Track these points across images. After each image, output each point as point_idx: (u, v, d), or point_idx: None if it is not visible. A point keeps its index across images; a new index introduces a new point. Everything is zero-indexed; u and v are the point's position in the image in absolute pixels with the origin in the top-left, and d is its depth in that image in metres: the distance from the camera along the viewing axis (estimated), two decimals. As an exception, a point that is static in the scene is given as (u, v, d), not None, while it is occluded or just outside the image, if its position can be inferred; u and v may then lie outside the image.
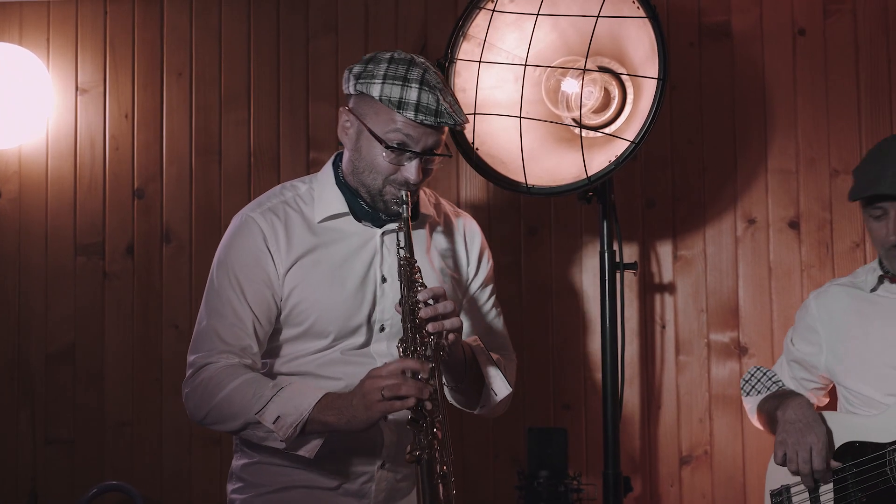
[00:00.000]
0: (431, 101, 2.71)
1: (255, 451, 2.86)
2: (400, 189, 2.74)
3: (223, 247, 2.85)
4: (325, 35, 3.97)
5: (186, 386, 2.77)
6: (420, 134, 2.72)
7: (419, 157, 2.74)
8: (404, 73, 2.73)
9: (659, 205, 3.82)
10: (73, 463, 3.94)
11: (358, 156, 2.78)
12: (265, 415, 2.61)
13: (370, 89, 2.72)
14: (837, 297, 3.19)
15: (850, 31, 3.77)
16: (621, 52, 3.35)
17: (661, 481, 3.75)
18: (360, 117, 2.76)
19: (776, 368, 3.34)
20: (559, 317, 3.83)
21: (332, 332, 2.80)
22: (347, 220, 2.85)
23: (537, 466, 2.08)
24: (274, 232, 2.80)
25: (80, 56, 4.03)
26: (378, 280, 2.83)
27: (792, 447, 2.98)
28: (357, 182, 2.81)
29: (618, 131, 3.32)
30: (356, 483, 2.83)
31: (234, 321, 2.76)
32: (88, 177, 3.99)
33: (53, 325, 3.98)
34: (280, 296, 2.79)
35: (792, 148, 3.78)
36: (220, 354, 2.74)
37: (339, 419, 2.59)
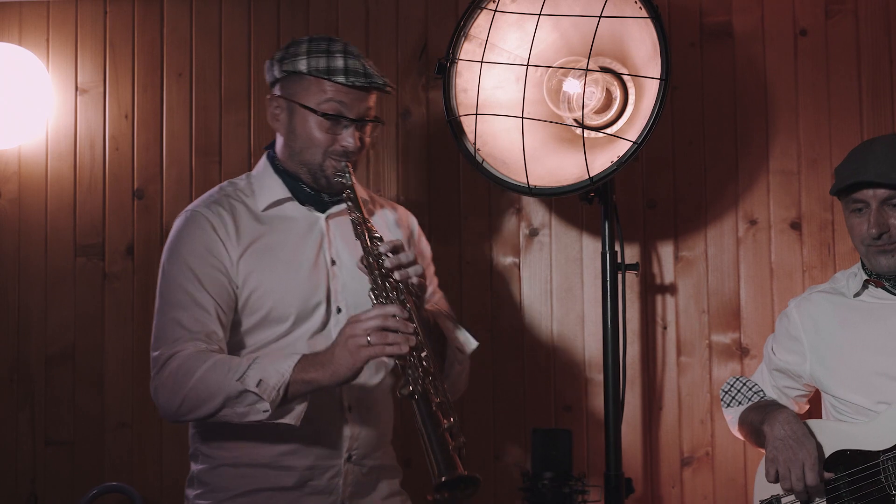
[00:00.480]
0: (358, 66, 2.82)
1: (217, 453, 2.84)
2: (340, 160, 2.82)
3: (171, 244, 2.85)
4: (325, 35, 3.95)
5: (154, 382, 2.74)
6: (352, 99, 2.81)
7: (355, 125, 2.82)
8: (326, 46, 2.83)
9: (660, 205, 3.81)
10: (72, 465, 3.93)
11: (293, 136, 2.85)
12: (246, 380, 2.58)
13: (297, 65, 2.81)
14: (819, 305, 3.16)
15: (851, 32, 3.76)
16: (623, 52, 3.34)
17: (662, 483, 3.74)
18: (291, 97, 2.84)
19: (756, 377, 3.31)
20: (560, 318, 3.82)
21: (291, 315, 2.80)
22: (291, 205, 2.90)
23: (542, 468, 2.06)
24: (222, 221, 2.82)
25: (80, 56, 4.01)
26: (328, 263, 2.88)
27: (784, 465, 2.93)
28: (296, 164, 2.88)
29: (619, 132, 3.32)
30: (323, 479, 2.83)
31: (194, 309, 2.74)
32: (88, 177, 3.98)
33: (53, 327, 3.96)
34: (236, 283, 2.79)
35: (793, 148, 3.77)
36: (185, 343, 2.71)
37: (322, 373, 2.58)
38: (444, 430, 2.47)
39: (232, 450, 2.82)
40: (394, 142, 3.90)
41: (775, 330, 3.28)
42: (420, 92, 3.91)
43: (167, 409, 2.73)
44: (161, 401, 2.73)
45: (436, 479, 2.41)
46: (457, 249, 3.86)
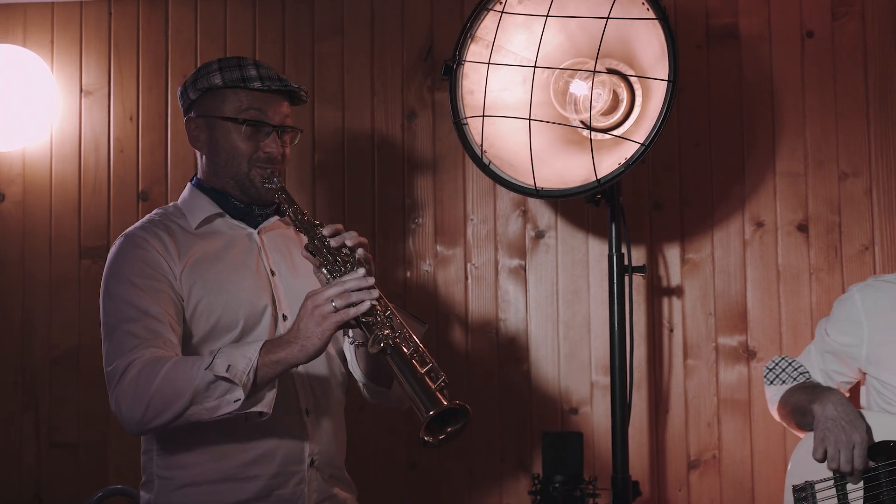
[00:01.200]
0: (272, 73, 2.88)
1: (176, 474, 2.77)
2: (265, 168, 2.85)
3: (111, 266, 2.81)
4: (330, 37, 3.95)
5: (114, 394, 2.66)
6: (269, 105, 2.86)
7: (275, 131, 2.86)
8: (237, 62, 2.88)
9: (666, 207, 3.80)
10: (77, 467, 3.92)
11: (216, 151, 2.88)
12: (215, 367, 2.54)
13: (211, 80, 2.85)
14: (883, 293, 3.15)
15: (858, 34, 3.76)
16: (630, 54, 3.33)
17: (669, 486, 3.73)
18: (209, 112, 2.87)
19: (802, 359, 3.29)
20: (566, 320, 3.81)
21: (240, 320, 2.79)
22: (223, 221, 2.92)
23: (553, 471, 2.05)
24: (159, 239, 2.81)
25: (85, 58, 4.00)
26: (269, 273, 2.89)
27: (834, 445, 2.93)
28: (223, 179, 2.90)
29: (626, 134, 3.31)
30: (289, 486, 2.80)
31: (145, 319, 2.69)
32: (93, 179, 3.97)
33: (57, 329, 3.95)
34: (181, 296, 2.76)
35: (800, 150, 3.76)
36: (141, 350, 2.64)
37: (290, 351, 2.56)
38: (422, 374, 2.47)
39: (193, 467, 2.76)
40: (399, 144, 3.89)
41: (832, 313, 3.24)
42: (425, 94, 3.90)
43: (131, 417, 2.63)
44: (124, 411, 2.64)
45: (423, 417, 2.39)
46: (462, 252, 3.84)
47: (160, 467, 2.80)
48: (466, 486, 3.80)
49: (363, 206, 3.88)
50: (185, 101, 2.94)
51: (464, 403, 2.43)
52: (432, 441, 2.43)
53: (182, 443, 2.76)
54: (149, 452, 2.85)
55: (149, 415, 2.60)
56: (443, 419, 2.42)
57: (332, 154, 3.89)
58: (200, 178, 2.96)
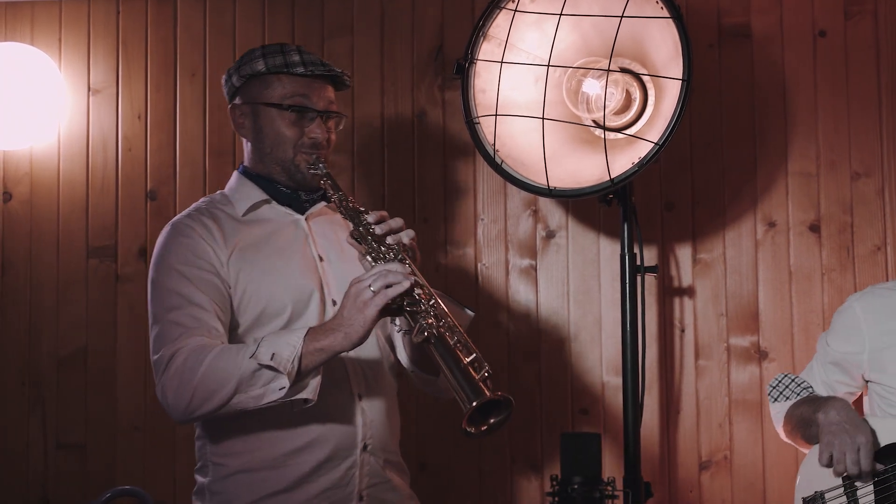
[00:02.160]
0: (315, 58, 2.90)
1: (228, 461, 2.80)
2: (311, 153, 2.86)
3: (157, 256, 2.83)
4: (340, 36, 3.93)
5: (159, 383, 2.68)
6: (314, 90, 2.87)
7: (320, 116, 2.87)
8: (280, 48, 2.90)
9: (678, 207, 3.78)
10: (84, 468, 3.89)
11: (261, 137, 2.90)
12: (259, 356, 2.56)
13: (255, 67, 2.87)
14: (884, 299, 3.13)
15: (871, 33, 3.74)
16: (643, 53, 3.32)
17: (680, 487, 3.71)
18: (253, 99, 2.89)
19: (805, 374, 3.28)
20: (577, 320, 3.79)
21: (287, 307, 2.79)
22: (270, 208, 2.93)
23: (571, 472, 2.03)
24: (206, 227, 2.82)
25: (93, 56, 3.98)
26: (316, 259, 2.89)
27: (839, 448, 2.91)
28: (269, 165, 2.91)
29: (639, 133, 3.30)
30: (340, 470, 2.79)
31: (191, 308, 2.71)
32: (101, 178, 3.95)
33: (65, 329, 3.93)
34: (228, 284, 2.78)
35: (812, 150, 3.74)
36: (187, 339, 2.66)
37: (334, 338, 2.57)
38: (466, 364, 2.46)
39: (244, 454, 2.78)
40: (409, 143, 3.87)
41: (832, 325, 3.23)
42: (436, 93, 3.88)
43: (176, 407, 2.66)
44: (169, 400, 2.66)
45: (466, 407, 2.37)
46: (473, 251, 3.83)
47: (213, 454, 2.83)
48: (477, 487, 3.78)
49: (373, 206, 3.84)
50: (230, 88, 2.95)
51: (507, 395, 2.41)
52: (474, 432, 2.42)
53: (233, 429, 2.78)
54: (202, 438, 2.88)
55: (194, 404, 2.62)
56: (485, 410, 2.41)
57: (343, 155, 3.87)
58: (246, 166, 2.97)
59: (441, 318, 2.55)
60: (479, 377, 2.45)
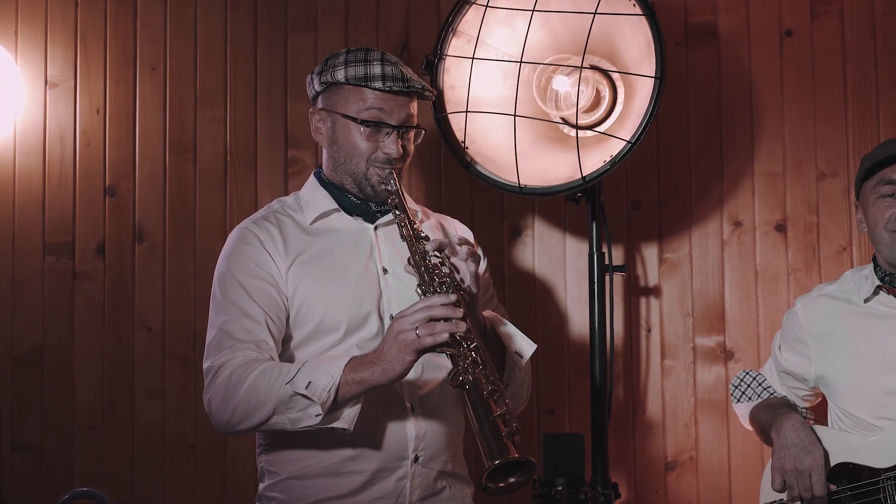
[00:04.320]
0: (396, 72, 2.83)
1: (281, 468, 2.82)
2: (384, 168, 2.83)
3: (222, 261, 2.86)
4: (304, 31, 3.87)
5: (207, 392, 2.72)
6: (392, 106, 2.82)
7: (396, 131, 2.83)
8: (364, 56, 2.85)
9: (644, 206, 3.76)
10: (41, 469, 3.81)
11: (336, 147, 2.87)
12: (296, 383, 2.55)
13: (335, 75, 2.85)
14: (825, 309, 3.09)
15: (837, 33, 3.74)
16: (613, 51, 3.30)
17: (646, 487, 3.70)
18: (331, 108, 2.87)
19: (766, 372, 3.26)
20: (543, 320, 3.76)
21: (343, 322, 2.78)
22: (339, 217, 2.91)
23: (554, 473, 2.00)
24: (270, 236, 2.83)
25: (50, 49, 3.89)
26: (380, 272, 2.86)
27: (791, 474, 2.89)
28: (341, 174, 2.89)
29: (609, 131, 3.26)
30: (390, 481, 2.78)
31: (243, 319, 2.74)
32: (58, 174, 3.87)
33: (20, 327, 3.84)
34: (286, 295, 2.79)
35: (779, 150, 3.73)
36: (236, 352, 2.70)
37: (372, 372, 2.55)
38: (496, 416, 2.43)
39: (296, 461, 2.79)
40: (374, 140, 3.82)
41: (783, 327, 3.20)
42: (401, 89, 3.83)
43: (220, 419, 2.71)
44: (214, 411, 2.71)
45: (488, 463, 2.35)
46: (438, 250, 3.78)
47: (267, 462, 2.87)
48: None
49: (337, 203, 3.80)
50: (311, 91, 2.95)
51: (531, 459, 2.38)
52: (492, 486, 2.40)
53: (285, 437, 2.79)
54: (261, 446, 2.91)
55: (235, 419, 2.67)
56: (507, 467, 2.38)
57: (306, 150, 3.82)
58: (322, 171, 2.96)
59: (480, 364, 2.51)
60: (507, 432, 2.42)
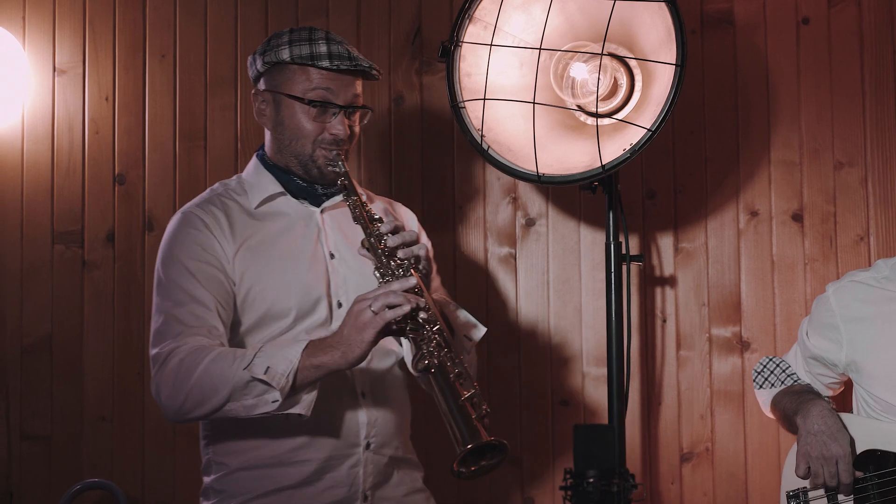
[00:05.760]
0: (343, 50, 2.78)
1: (229, 460, 2.76)
2: (330, 149, 2.79)
3: (166, 245, 2.78)
4: (315, 18, 3.82)
5: (154, 380, 2.65)
6: (339, 85, 2.78)
7: (343, 112, 2.79)
8: (308, 35, 2.79)
9: (660, 196, 3.73)
10: (50, 460, 3.77)
11: (281, 128, 2.82)
12: (254, 368, 2.51)
13: (280, 55, 2.78)
14: (859, 294, 3.06)
15: (854, 21, 3.70)
16: (630, 38, 3.26)
17: (661, 479, 3.67)
18: (276, 88, 2.81)
19: (790, 359, 3.24)
20: (557, 310, 3.73)
21: (292, 310, 2.74)
22: (284, 200, 2.86)
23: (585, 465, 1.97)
24: (216, 220, 2.77)
25: (58, 35, 3.85)
26: (327, 257, 2.83)
27: (817, 461, 2.88)
28: (286, 157, 2.84)
29: (627, 119, 3.23)
30: (342, 469, 2.75)
31: (192, 305, 2.67)
32: (67, 162, 3.82)
33: (29, 317, 3.80)
34: (233, 280, 2.73)
35: (795, 139, 3.70)
36: (186, 338, 2.63)
37: (332, 356, 2.52)
38: (464, 400, 2.41)
39: (244, 452, 2.75)
40: (386, 128, 3.78)
41: (811, 314, 3.18)
42: (413, 77, 3.80)
43: (170, 407, 2.63)
44: (163, 399, 2.63)
45: (460, 449, 2.33)
46: (451, 239, 3.75)
47: (214, 453, 2.80)
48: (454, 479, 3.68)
49: (349, 192, 3.76)
50: (254, 72, 2.88)
51: (502, 440, 2.36)
52: (465, 472, 2.38)
53: (233, 429, 2.74)
54: (206, 438, 2.85)
55: (186, 406, 2.59)
56: (479, 451, 2.36)
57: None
58: (265, 153, 2.90)
59: (444, 346, 2.49)
60: (477, 416, 2.40)
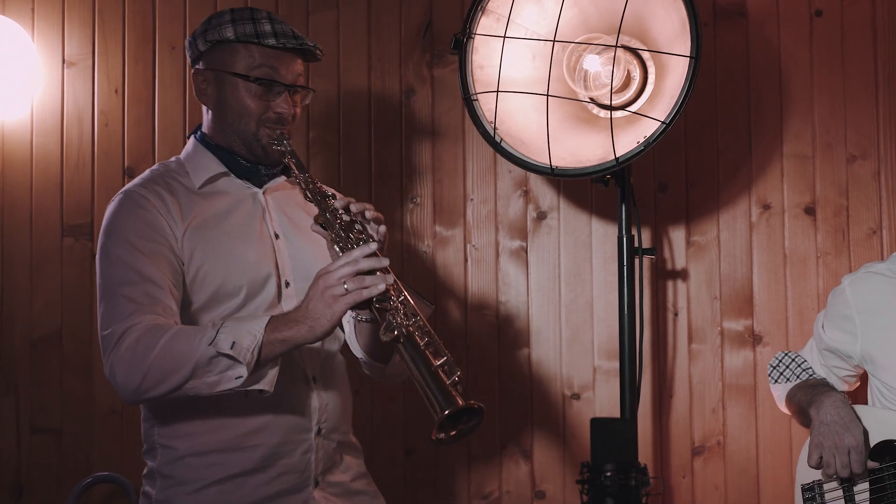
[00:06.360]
0: (287, 29, 2.76)
1: (178, 444, 2.69)
2: (275, 128, 2.75)
3: (108, 226, 2.69)
4: (325, 9, 3.81)
5: (109, 359, 2.54)
6: (283, 64, 2.75)
7: (287, 90, 2.75)
8: (250, 14, 2.75)
9: (672, 189, 3.71)
10: (60, 453, 3.76)
11: (224, 107, 2.77)
12: (219, 343, 2.45)
13: (223, 33, 2.73)
14: (874, 286, 3.06)
15: (868, 13, 3.68)
16: (644, 30, 3.25)
17: (672, 472, 3.66)
18: (219, 66, 2.76)
19: (805, 353, 3.23)
20: (568, 303, 3.71)
21: (242, 288, 2.70)
22: (227, 180, 2.81)
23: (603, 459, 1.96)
24: (160, 198, 2.70)
25: (67, 27, 3.83)
26: (272, 237, 2.79)
27: (829, 450, 2.87)
28: (229, 136, 2.79)
29: (640, 111, 3.22)
30: (295, 455, 2.72)
31: (144, 283, 2.59)
32: (76, 155, 3.81)
33: (39, 310, 3.79)
34: (182, 260, 2.67)
35: (808, 132, 3.68)
36: (140, 316, 2.54)
37: (297, 330, 2.47)
38: (436, 367, 2.38)
39: (194, 437, 2.68)
40: (397, 121, 3.77)
41: (827, 307, 3.17)
42: (424, 70, 3.78)
43: (126, 386, 2.53)
44: (118, 379, 2.53)
45: (438, 416, 2.31)
46: (462, 232, 3.74)
47: (161, 436, 2.72)
48: (465, 473, 3.70)
49: (359, 185, 3.75)
50: (194, 52, 2.81)
51: (479, 403, 2.36)
52: (444, 438, 2.36)
53: (182, 411, 2.67)
54: (149, 420, 2.76)
55: (145, 385, 2.51)
56: (455, 416, 2.34)
57: (329, 131, 3.76)
58: (205, 133, 2.84)
59: (411, 315, 2.46)
60: (451, 382, 2.38)
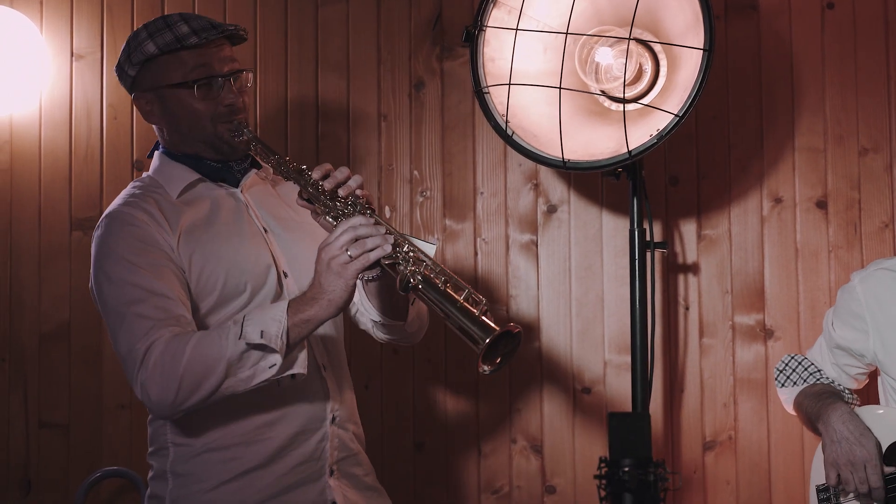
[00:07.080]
0: (203, 23, 2.73)
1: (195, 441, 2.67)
2: (231, 120, 2.73)
3: (103, 248, 2.66)
4: (335, 2, 3.79)
5: (138, 379, 2.51)
6: (213, 57, 2.73)
7: (229, 80, 2.74)
8: (164, 23, 2.73)
9: (683, 182, 3.70)
10: (68, 448, 3.75)
11: (176, 120, 2.76)
12: (249, 336, 2.45)
13: (146, 50, 2.71)
14: (885, 283, 3.03)
15: (879, 5, 3.66)
16: (656, 23, 3.23)
17: (683, 467, 3.64)
18: (155, 84, 2.74)
19: (814, 353, 3.22)
20: (579, 297, 3.70)
21: (247, 283, 2.69)
22: (204, 186, 2.80)
23: (620, 454, 1.95)
24: (147, 213, 2.67)
25: (76, 20, 3.82)
26: (262, 231, 2.79)
27: (845, 468, 2.87)
28: (193, 144, 2.78)
29: (653, 104, 3.20)
30: (311, 444, 2.71)
31: (153, 298, 2.56)
32: (85, 148, 3.80)
33: (47, 303, 3.77)
34: (182, 268, 2.65)
35: (820, 125, 3.66)
36: (158, 331, 2.51)
37: (318, 307, 2.47)
38: (462, 302, 2.41)
39: (209, 432, 2.66)
40: (407, 114, 3.76)
41: (836, 304, 3.15)
42: (434, 63, 3.76)
43: (162, 402, 2.50)
44: (153, 395, 2.49)
45: (480, 347, 2.35)
46: (472, 226, 3.72)
47: (174, 434, 2.69)
48: (475, 467, 3.69)
49: (369, 178, 3.74)
50: (126, 80, 2.79)
51: (516, 324, 2.40)
52: (490, 369, 2.40)
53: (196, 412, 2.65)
54: (158, 420, 2.73)
55: (181, 396, 2.48)
56: (494, 344, 2.37)
57: (338, 125, 3.75)
58: (168, 149, 2.83)
59: (420, 262, 2.48)
60: (479, 311, 2.41)
